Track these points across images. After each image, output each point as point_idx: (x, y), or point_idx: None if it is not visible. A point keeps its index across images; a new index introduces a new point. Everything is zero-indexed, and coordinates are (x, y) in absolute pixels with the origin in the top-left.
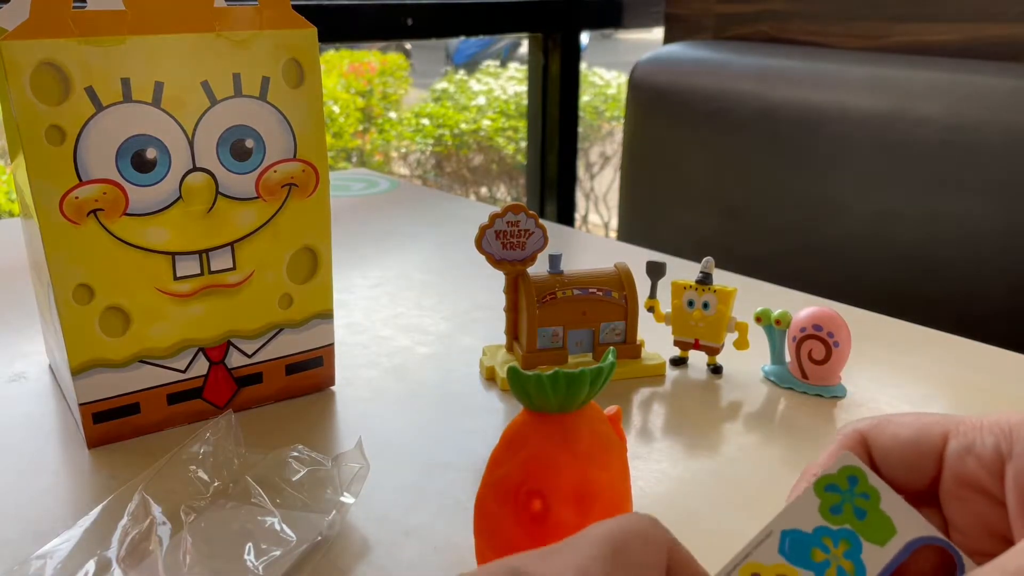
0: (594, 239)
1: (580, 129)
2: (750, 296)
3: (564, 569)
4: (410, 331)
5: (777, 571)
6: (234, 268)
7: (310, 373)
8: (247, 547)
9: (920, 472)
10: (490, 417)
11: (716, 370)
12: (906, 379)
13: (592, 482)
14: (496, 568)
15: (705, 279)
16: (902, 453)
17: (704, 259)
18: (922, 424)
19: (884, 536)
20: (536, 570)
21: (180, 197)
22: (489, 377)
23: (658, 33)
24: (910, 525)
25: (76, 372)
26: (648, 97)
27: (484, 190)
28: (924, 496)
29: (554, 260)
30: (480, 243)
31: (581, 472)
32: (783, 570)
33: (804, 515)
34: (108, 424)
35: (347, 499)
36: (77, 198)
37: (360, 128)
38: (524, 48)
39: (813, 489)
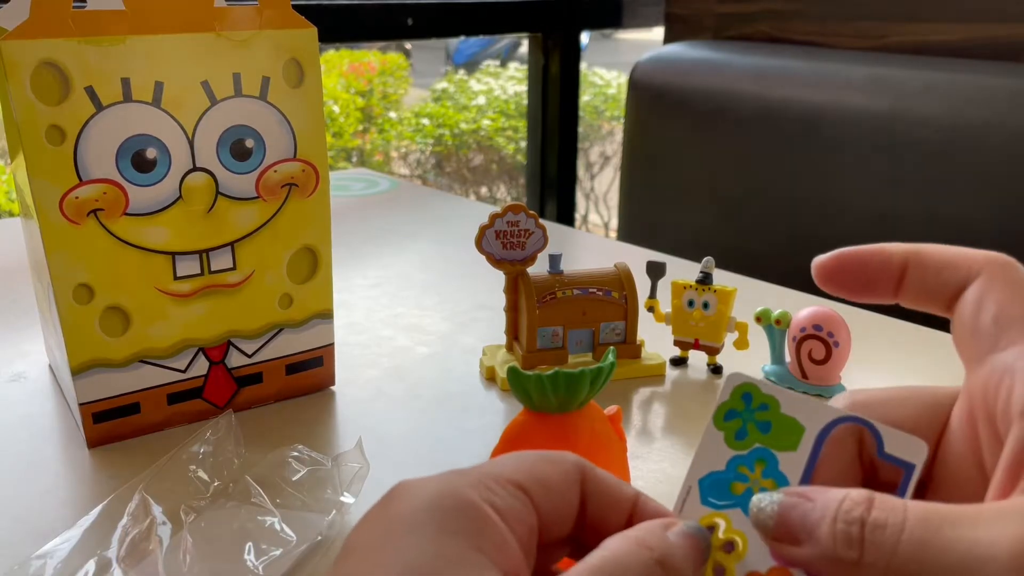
0: (594, 239)
1: (580, 129)
2: (750, 296)
3: (483, 475)
4: (410, 331)
5: (705, 523)
6: (234, 268)
7: (310, 373)
8: (247, 547)
9: (977, 346)
10: (490, 417)
11: (716, 370)
12: (906, 379)
13: None
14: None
15: (705, 279)
16: (984, 317)
17: (704, 259)
18: (951, 258)
19: (794, 439)
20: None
21: (180, 197)
22: (489, 377)
23: (658, 33)
24: (815, 417)
25: (76, 372)
26: (648, 97)
27: (484, 190)
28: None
29: (554, 260)
30: (480, 243)
31: None
32: (709, 520)
33: (713, 455)
34: (108, 424)
35: (347, 499)
36: (77, 198)
37: (360, 128)
38: (524, 48)
39: (713, 424)
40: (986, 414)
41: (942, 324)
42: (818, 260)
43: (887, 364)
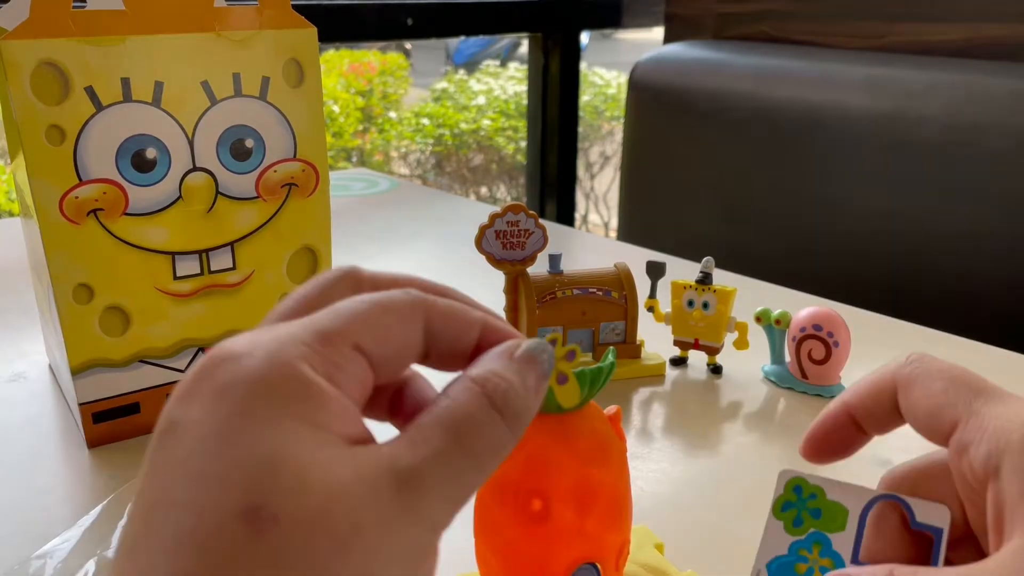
0: (594, 239)
1: (580, 129)
2: (750, 296)
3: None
4: None
5: None
6: (234, 268)
7: None
8: None
9: (934, 437)
10: None
11: (716, 370)
12: None
13: (592, 482)
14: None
15: (705, 279)
16: (920, 419)
17: (704, 259)
18: (941, 401)
19: (841, 521)
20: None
21: (180, 197)
22: None
23: (658, 33)
24: (856, 499)
25: (76, 372)
26: (648, 97)
27: (484, 190)
28: None
29: (554, 260)
30: (480, 243)
31: (581, 472)
32: None
33: (776, 541)
34: (108, 424)
35: None
36: (77, 198)
37: (360, 128)
38: (524, 48)
39: (773, 515)
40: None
41: (942, 324)
42: (802, 452)
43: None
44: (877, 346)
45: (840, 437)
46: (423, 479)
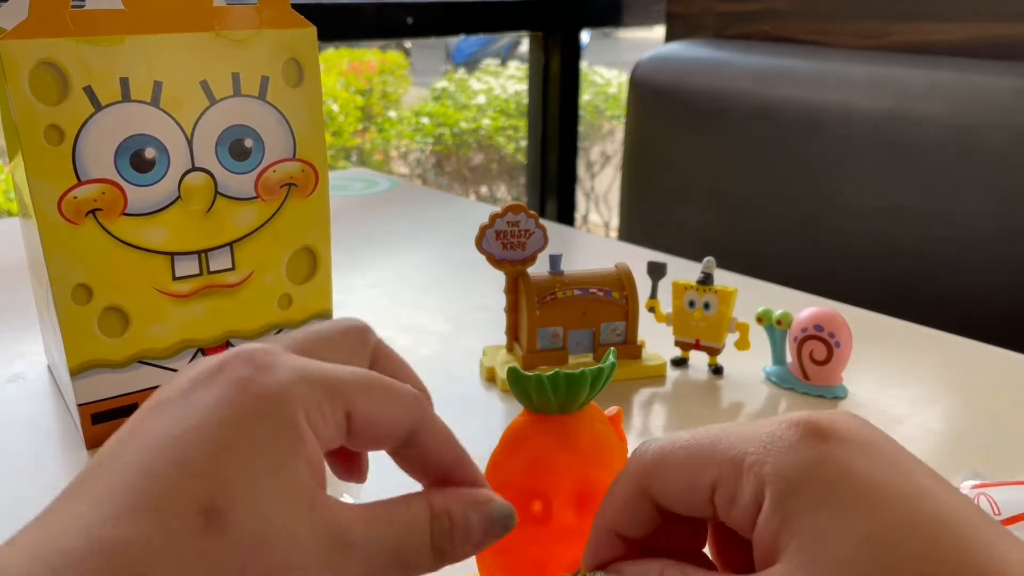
0: (594, 239)
1: (580, 128)
2: (751, 296)
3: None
4: (410, 331)
5: None
6: (233, 268)
7: None
8: None
9: (702, 513)
10: (490, 417)
11: (717, 371)
12: (906, 379)
13: (593, 483)
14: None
15: (706, 279)
16: (680, 500)
17: (705, 259)
18: (693, 469)
19: None
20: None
21: (179, 197)
22: (489, 377)
23: (659, 32)
24: None
25: (75, 372)
26: (649, 96)
27: (484, 189)
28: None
29: (554, 260)
30: (480, 243)
31: (582, 473)
32: None
33: None
34: (107, 424)
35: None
36: (76, 198)
37: (360, 127)
38: (524, 47)
39: None
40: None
41: (942, 324)
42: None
43: (888, 364)
44: (879, 346)
45: (616, 558)
46: (356, 554)
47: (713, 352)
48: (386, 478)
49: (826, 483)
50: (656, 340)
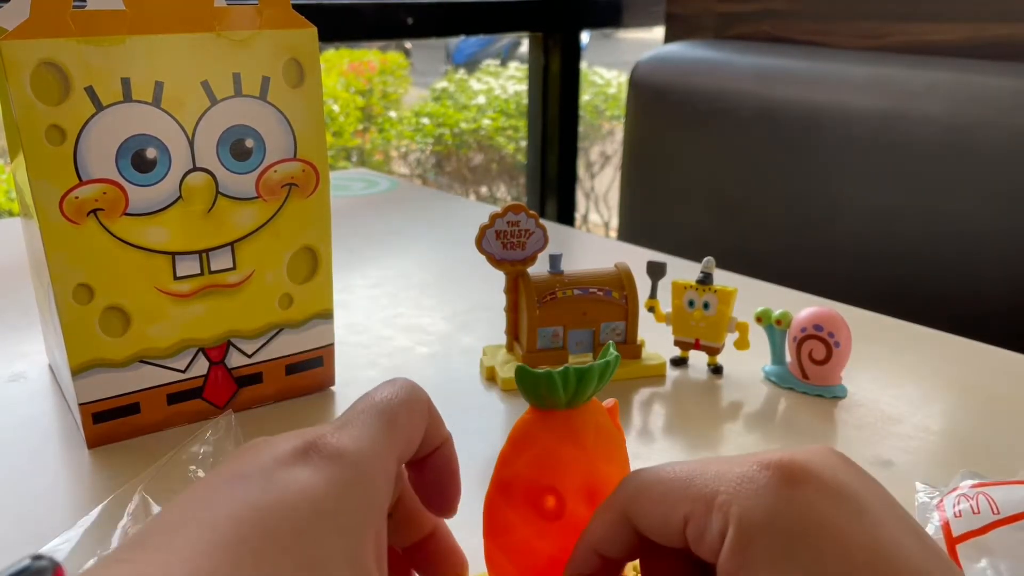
0: (594, 239)
1: (580, 128)
2: (751, 296)
3: (353, 441)
4: (410, 331)
5: None
6: (234, 268)
7: (310, 373)
8: None
9: (676, 544)
10: (490, 417)
11: (717, 370)
12: (906, 379)
13: (601, 475)
14: (293, 439)
15: (706, 279)
16: (656, 531)
17: (705, 259)
18: (668, 503)
19: None
20: (331, 440)
21: (180, 197)
22: (489, 377)
23: (659, 32)
24: None
25: (76, 372)
26: (649, 96)
27: (484, 189)
28: None
29: (554, 260)
30: (480, 243)
31: (590, 466)
32: None
33: None
34: (108, 424)
35: None
36: (77, 198)
37: (360, 127)
38: (524, 47)
39: None
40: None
41: (942, 324)
42: None
43: (887, 364)
44: (878, 346)
45: (592, 574)
46: None
47: (713, 352)
48: None
49: (785, 534)
50: (656, 340)
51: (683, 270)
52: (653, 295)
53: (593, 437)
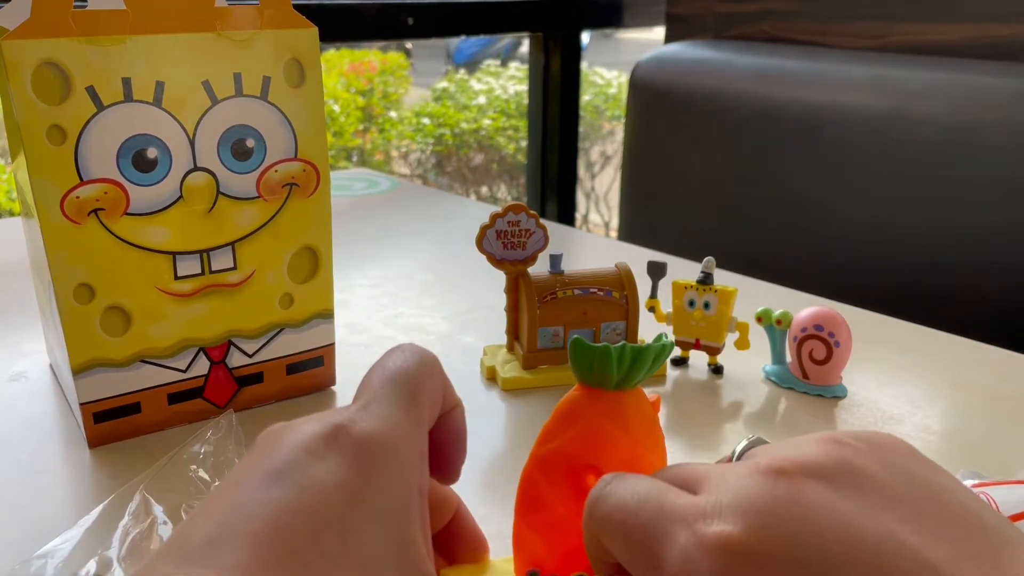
0: (595, 239)
1: (581, 128)
2: (751, 296)
3: (381, 421)
4: (410, 331)
5: None
6: (235, 268)
7: (311, 373)
8: None
9: (637, 572)
10: (491, 417)
11: (717, 370)
12: (906, 379)
13: (642, 462)
14: (316, 423)
15: (706, 279)
16: (620, 557)
17: (705, 259)
18: (630, 534)
19: None
20: (359, 424)
21: (181, 197)
22: (490, 377)
23: (659, 32)
24: None
25: (77, 372)
26: (649, 97)
27: (484, 190)
28: None
29: (555, 260)
30: (481, 243)
31: (633, 451)
32: None
33: None
34: (109, 424)
35: None
36: (78, 198)
37: (361, 127)
38: (525, 47)
39: None
40: None
41: (942, 324)
42: None
43: (887, 364)
44: (878, 346)
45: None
46: None
47: (713, 352)
48: None
49: None
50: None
51: (683, 270)
52: (653, 295)
53: (638, 423)
